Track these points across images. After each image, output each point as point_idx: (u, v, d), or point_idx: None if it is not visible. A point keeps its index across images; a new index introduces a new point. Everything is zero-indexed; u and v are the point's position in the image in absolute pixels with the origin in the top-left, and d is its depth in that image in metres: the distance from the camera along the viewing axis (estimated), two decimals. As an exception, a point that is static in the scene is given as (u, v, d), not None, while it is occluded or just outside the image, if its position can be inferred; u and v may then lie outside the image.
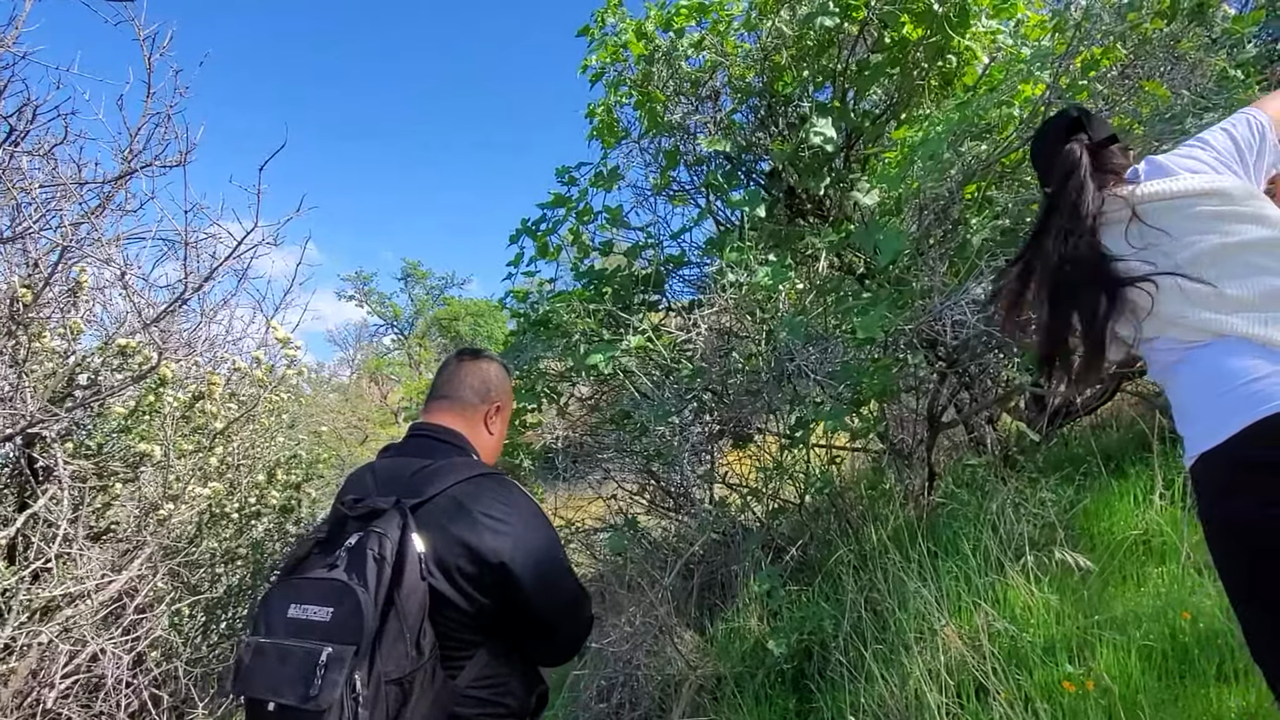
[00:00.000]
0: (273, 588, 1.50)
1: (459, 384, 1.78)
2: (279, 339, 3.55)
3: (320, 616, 1.37)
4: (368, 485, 1.60)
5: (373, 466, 1.67)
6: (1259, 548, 1.41)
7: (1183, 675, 2.56)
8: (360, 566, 1.39)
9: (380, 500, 1.51)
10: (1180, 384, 1.62)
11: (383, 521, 1.45)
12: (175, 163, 2.63)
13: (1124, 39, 3.43)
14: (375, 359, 35.60)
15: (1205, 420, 1.53)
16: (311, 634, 1.36)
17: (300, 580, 1.46)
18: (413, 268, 39.07)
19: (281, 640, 1.39)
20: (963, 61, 3.89)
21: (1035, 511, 3.39)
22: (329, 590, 1.39)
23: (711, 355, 3.80)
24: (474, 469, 1.61)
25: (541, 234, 4.33)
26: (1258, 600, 1.44)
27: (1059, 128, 1.92)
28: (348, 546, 1.43)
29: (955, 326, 3.23)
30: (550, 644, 1.63)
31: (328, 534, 1.54)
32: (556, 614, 1.59)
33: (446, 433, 1.72)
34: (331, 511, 1.60)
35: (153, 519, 3.37)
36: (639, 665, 3.72)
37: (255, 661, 1.39)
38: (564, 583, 1.62)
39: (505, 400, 1.85)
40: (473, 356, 1.85)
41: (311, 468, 5.20)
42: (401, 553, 1.42)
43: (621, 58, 4.12)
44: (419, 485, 1.55)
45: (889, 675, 2.84)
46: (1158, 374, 1.70)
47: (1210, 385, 1.53)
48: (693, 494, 4.61)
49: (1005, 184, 3.70)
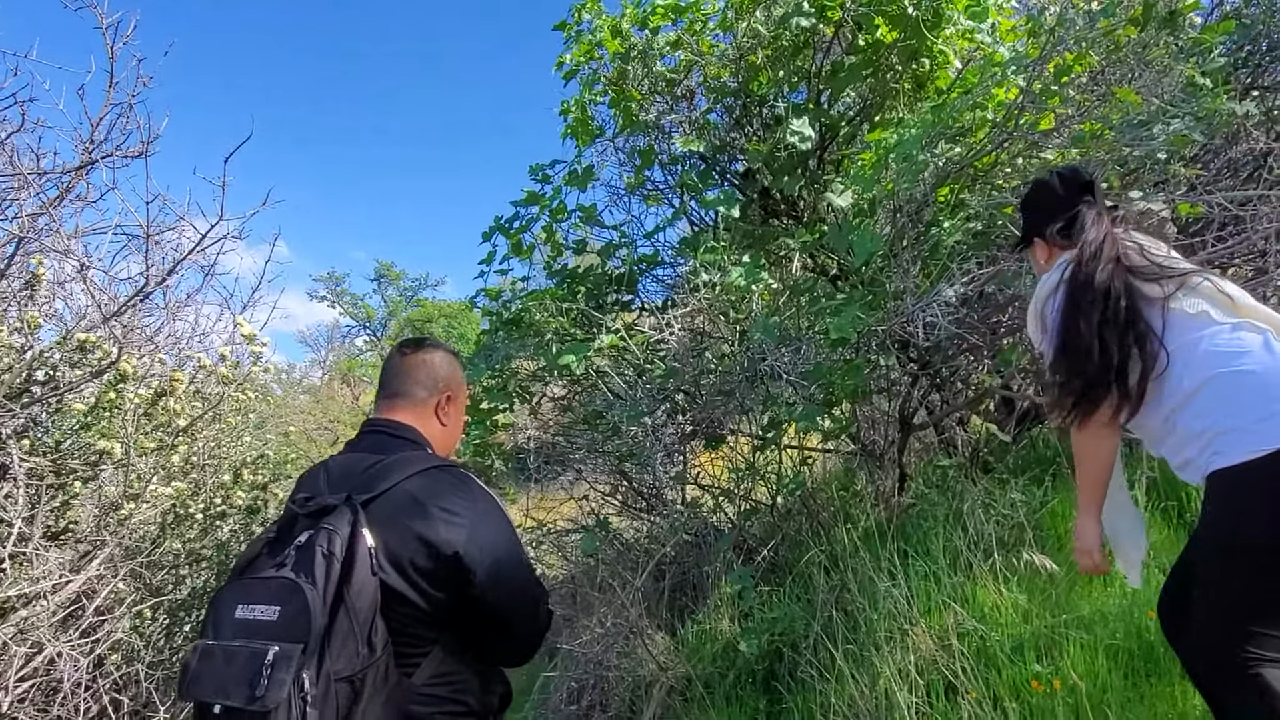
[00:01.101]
0: (222, 589, 1.46)
1: (405, 379, 1.74)
2: (245, 335, 3.48)
3: (267, 616, 1.35)
4: (320, 483, 1.57)
5: (326, 464, 1.64)
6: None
7: (1148, 674, 2.58)
8: (309, 564, 1.36)
9: (331, 497, 1.48)
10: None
11: (333, 518, 1.42)
12: (137, 153, 2.57)
13: (1096, 45, 3.47)
14: (347, 360, 35.24)
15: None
16: (258, 634, 1.34)
17: (249, 580, 1.43)
18: (386, 269, 38.71)
19: (228, 642, 1.36)
20: (936, 65, 3.91)
21: (1004, 512, 3.41)
22: (276, 589, 1.36)
23: (684, 355, 3.79)
24: (427, 462, 1.58)
25: (515, 232, 4.30)
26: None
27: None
28: (297, 544, 1.40)
29: (927, 328, 3.25)
30: (507, 640, 1.59)
31: (277, 533, 1.50)
32: (512, 609, 1.56)
33: (399, 427, 1.69)
34: (284, 510, 1.57)
35: (113, 518, 3.29)
36: (610, 667, 3.70)
37: (202, 664, 1.36)
38: (520, 576, 1.58)
39: (456, 388, 1.80)
40: (415, 348, 1.79)
41: (280, 468, 5.13)
42: (351, 548, 1.39)
43: (597, 55, 4.10)
44: (371, 481, 1.52)
45: (859, 675, 2.84)
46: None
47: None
48: (665, 495, 4.59)
49: (978, 187, 3.73)
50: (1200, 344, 1.78)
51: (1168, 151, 3.17)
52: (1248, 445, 1.64)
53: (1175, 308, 1.84)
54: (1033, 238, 2.24)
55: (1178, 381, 1.79)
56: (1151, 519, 3.35)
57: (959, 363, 3.90)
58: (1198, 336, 1.79)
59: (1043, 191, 2.22)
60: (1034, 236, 2.23)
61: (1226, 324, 1.79)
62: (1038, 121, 3.44)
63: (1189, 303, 1.84)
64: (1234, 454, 1.67)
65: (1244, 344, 1.75)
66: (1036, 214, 2.23)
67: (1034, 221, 2.24)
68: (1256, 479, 1.64)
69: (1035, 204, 2.24)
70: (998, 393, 4.23)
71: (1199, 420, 1.75)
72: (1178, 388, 1.79)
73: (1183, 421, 1.78)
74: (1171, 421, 1.81)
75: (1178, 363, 1.80)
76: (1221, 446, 1.70)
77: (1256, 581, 1.62)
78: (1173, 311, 1.84)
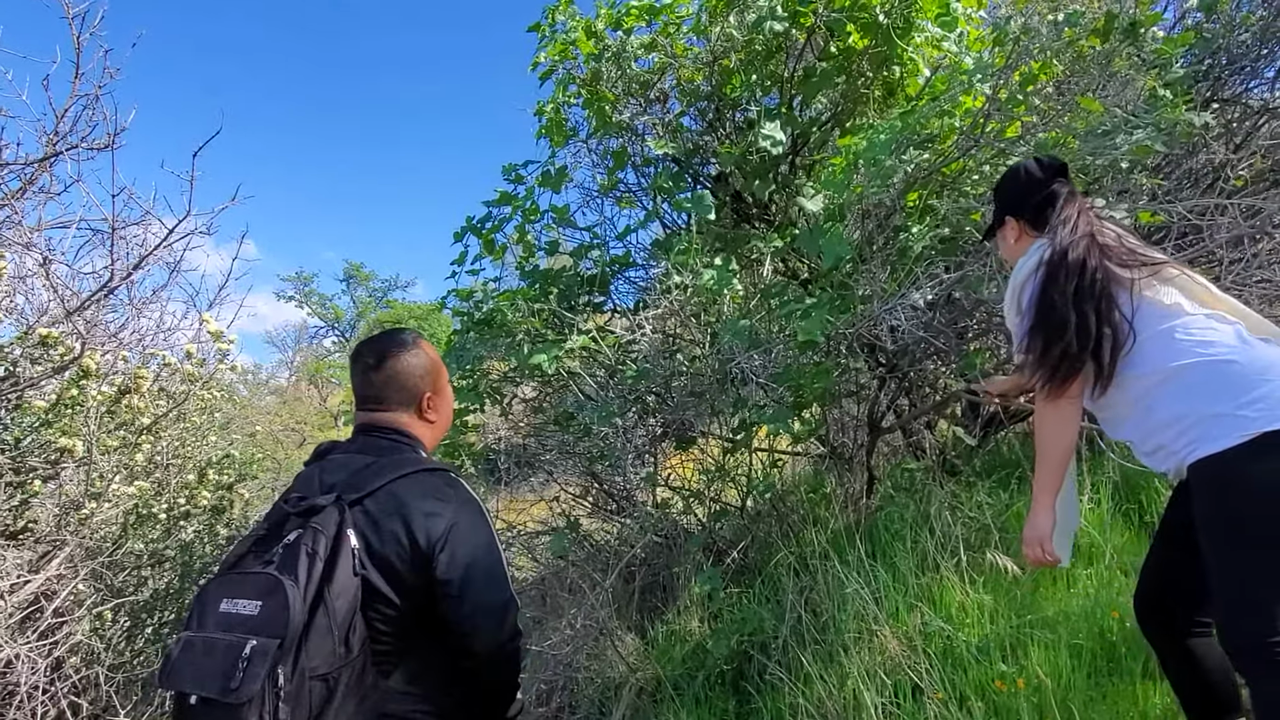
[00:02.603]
0: (209, 582, 1.48)
1: (378, 391, 1.71)
2: (212, 332, 3.44)
3: (249, 610, 1.36)
4: (314, 484, 1.59)
5: (321, 465, 1.65)
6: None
7: (1111, 673, 2.62)
8: (293, 562, 1.38)
9: (320, 498, 1.49)
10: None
11: (320, 518, 1.44)
12: (103, 146, 2.53)
13: (1060, 55, 3.53)
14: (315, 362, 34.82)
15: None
16: (239, 627, 1.35)
17: (236, 575, 1.45)
18: (355, 269, 38.34)
19: (210, 633, 1.37)
20: (906, 72, 3.96)
21: (971, 515, 3.46)
22: (260, 584, 1.38)
23: (656, 357, 3.79)
24: (418, 464, 1.60)
25: (487, 232, 4.28)
26: None
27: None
28: (285, 543, 1.43)
29: (894, 332, 3.28)
30: (472, 644, 1.54)
31: (268, 530, 1.52)
32: (481, 613, 1.54)
33: (391, 430, 1.70)
34: (274, 508, 1.58)
35: (74, 518, 3.23)
36: (579, 668, 3.69)
37: (183, 655, 1.37)
38: (496, 582, 1.57)
39: (435, 380, 1.78)
40: (378, 361, 1.72)
41: (245, 468, 5.05)
42: (335, 548, 1.41)
43: (571, 55, 4.10)
44: (362, 482, 1.54)
45: (828, 676, 2.86)
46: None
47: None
48: (635, 496, 4.59)
49: (946, 193, 3.78)
50: (1175, 331, 1.81)
51: (1130, 161, 3.24)
52: (1236, 430, 1.67)
53: (1148, 295, 1.87)
54: (1004, 217, 2.25)
55: (1152, 364, 1.81)
56: (1112, 523, 3.42)
57: (926, 366, 3.94)
58: (1171, 325, 1.82)
59: (1016, 175, 2.22)
60: (1006, 215, 2.24)
61: (1199, 314, 1.82)
62: (1004, 129, 3.49)
63: (1164, 292, 1.87)
64: (1221, 440, 1.69)
65: (1219, 333, 1.78)
66: (1009, 195, 2.23)
67: (1007, 201, 2.24)
68: (1247, 462, 1.66)
69: (1008, 187, 2.24)
70: (964, 397, 4.28)
71: (1176, 404, 1.77)
72: (1152, 370, 1.81)
73: (1158, 405, 1.80)
74: (1144, 404, 1.83)
75: (1153, 346, 1.82)
76: (1204, 433, 1.72)
77: (1270, 560, 1.65)
78: (1145, 299, 1.87)
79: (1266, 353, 1.74)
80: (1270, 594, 1.64)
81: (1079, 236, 1.93)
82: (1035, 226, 2.13)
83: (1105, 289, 1.87)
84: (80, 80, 2.70)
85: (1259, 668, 1.65)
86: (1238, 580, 1.69)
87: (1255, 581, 1.66)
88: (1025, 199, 2.16)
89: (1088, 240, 1.93)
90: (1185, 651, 1.97)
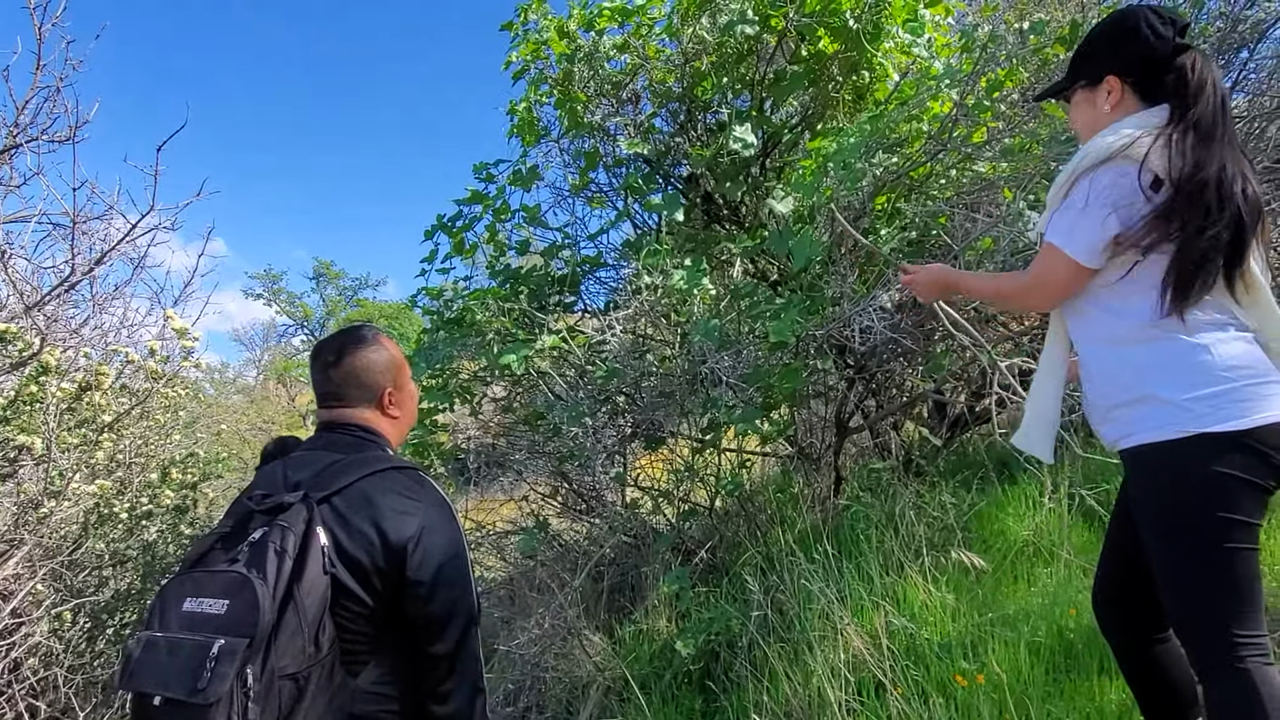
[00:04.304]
0: (170, 581, 1.45)
1: (339, 389, 1.70)
2: (176, 329, 3.39)
3: (215, 609, 1.33)
4: (278, 480, 1.56)
5: (285, 461, 1.63)
6: None
7: (1068, 670, 2.67)
8: (261, 560, 1.36)
9: (287, 495, 1.47)
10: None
11: (288, 515, 1.42)
12: (64, 138, 2.49)
13: (1026, 62, 3.59)
14: (284, 360, 34.41)
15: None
16: (205, 626, 1.33)
17: (199, 574, 1.41)
18: (325, 267, 37.97)
19: (174, 633, 1.34)
20: (875, 77, 4.01)
21: (935, 515, 3.50)
22: (227, 583, 1.35)
23: (626, 357, 3.80)
24: (385, 462, 1.59)
25: (457, 231, 4.27)
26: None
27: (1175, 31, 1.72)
28: (250, 541, 1.40)
29: (863, 333, 3.32)
30: (436, 645, 1.53)
31: (232, 528, 1.49)
32: (445, 614, 1.53)
33: (356, 428, 1.68)
34: (237, 505, 1.55)
35: (32, 516, 3.18)
36: (547, 668, 3.69)
37: (145, 655, 1.34)
38: (465, 585, 1.56)
39: (396, 375, 1.76)
40: (337, 357, 1.71)
41: (210, 467, 4.99)
42: (304, 546, 1.39)
43: (543, 55, 4.10)
44: (328, 479, 1.52)
45: (793, 673, 2.89)
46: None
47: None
48: (604, 496, 4.60)
49: (914, 196, 3.83)
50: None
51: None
52: (1173, 423, 1.61)
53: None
54: (1104, 75, 1.78)
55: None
56: (1072, 521, 3.48)
57: (893, 368, 3.99)
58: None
59: (1134, 27, 1.75)
60: (1109, 74, 1.78)
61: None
62: (970, 134, 3.55)
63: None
64: (1158, 430, 1.63)
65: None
66: (1119, 49, 1.77)
67: (1114, 56, 1.78)
68: (1173, 457, 1.62)
69: (1118, 38, 1.78)
70: (931, 398, 4.34)
71: (1139, 372, 1.66)
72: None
73: (1129, 360, 1.69)
74: (1120, 351, 1.71)
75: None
76: (1147, 414, 1.65)
77: (1209, 559, 1.59)
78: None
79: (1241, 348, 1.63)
80: (1210, 592, 1.60)
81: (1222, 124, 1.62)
82: (1145, 95, 1.74)
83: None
84: (42, 72, 2.65)
85: (1211, 670, 1.62)
86: (1175, 578, 1.65)
87: (1194, 580, 1.62)
88: (1144, 57, 1.73)
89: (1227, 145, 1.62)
90: (1143, 650, 1.91)
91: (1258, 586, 1.60)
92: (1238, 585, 1.58)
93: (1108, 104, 1.78)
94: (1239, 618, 1.58)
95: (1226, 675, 1.58)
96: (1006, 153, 3.48)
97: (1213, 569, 1.59)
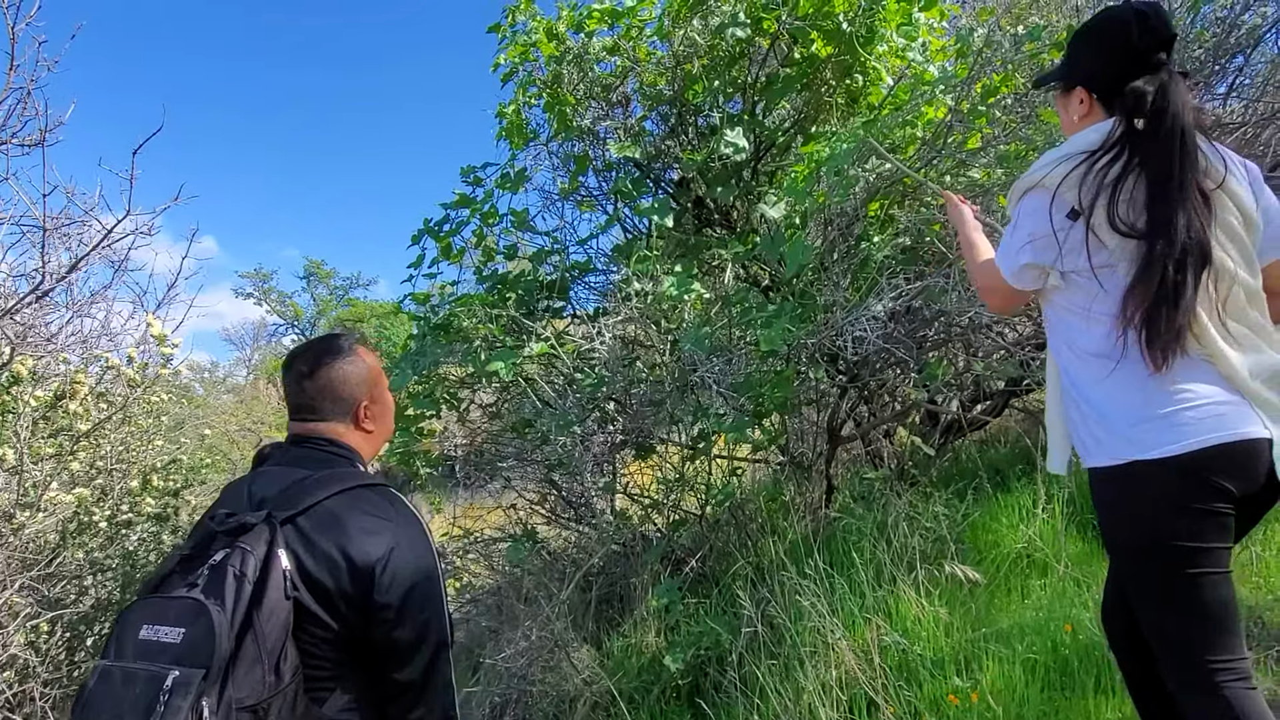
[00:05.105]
0: (129, 607, 1.38)
1: (311, 401, 1.63)
2: (155, 336, 3.32)
3: (171, 638, 1.27)
4: (243, 499, 1.50)
5: (251, 478, 1.56)
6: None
7: (1064, 687, 2.63)
8: (219, 585, 1.30)
9: (250, 515, 1.40)
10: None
11: (250, 537, 1.36)
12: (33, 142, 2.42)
13: (1022, 68, 3.55)
14: (274, 360, 34.26)
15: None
16: (161, 656, 1.26)
17: (158, 599, 1.35)
18: (315, 267, 37.78)
19: (129, 663, 1.28)
20: (869, 81, 3.95)
21: (928, 525, 3.45)
22: (183, 610, 1.29)
23: (615, 364, 3.74)
24: (355, 480, 1.51)
25: (444, 235, 4.20)
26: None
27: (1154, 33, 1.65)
28: (211, 564, 1.34)
29: (855, 342, 3.26)
30: (402, 672, 1.46)
31: (193, 550, 1.42)
32: (414, 641, 1.45)
33: (325, 442, 1.61)
34: (199, 525, 1.49)
35: (6, 528, 3.11)
36: (534, 681, 3.63)
37: (99, 686, 1.28)
38: (435, 609, 1.49)
39: (372, 389, 1.68)
40: (310, 368, 1.63)
41: (193, 473, 4.91)
42: (265, 569, 1.33)
43: (532, 57, 4.03)
44: (294, 498, 1.45)
45: (783, 690, 2.83)
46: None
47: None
48: (594, 504, 4.54)
49: (907, 203, 3.78)
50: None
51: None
52: (1112, 451, 1.61)
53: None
54: (1075, 86, 1.77)
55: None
56: (1067, 533, 3.44)
57: (886, 376, 3.94)
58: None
59: (1111, 31, 1.70)
60: (1078, 85, 1.76)
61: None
62: (965, 140, 3.50)
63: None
64: (1101, 455, 1.63)
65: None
66: (1092, 58, 1.75)
67: (1087, 65, 1.76)
68: (1109, 485, 1.63)
69: (1093, 47, 1.75)
70: (924, 406, 4.29)
71: (1107, 392, 1.63)
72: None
73: (1100, 382, 1.64)
74: (1095, 368, 1.66)
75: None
76: (1101, 437, 1.63)
77: (1172, 588, 1.57)
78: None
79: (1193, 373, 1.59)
80: (1178, 621, 1.58)
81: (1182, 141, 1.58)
82: (1111, 106, 1.71)
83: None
84: (14, 72, 2.58)
85: (1188, 698, 1.60)
86: (1142, 611, 1.65)
87: (1161, 610, 1.61)
88: (1114, 75, 1.68)
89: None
90: (1149, 671, 1.83)
91: (1230, 609, 1.58)
92: (1206, 611, 1.56)
93: (1077, 114, 1.78)
94: (1211, 645, 1.56)
95: (1203, 703, 1.57)
96: (1002, 159, 3.43)
97: (1178, 598, 1.58)
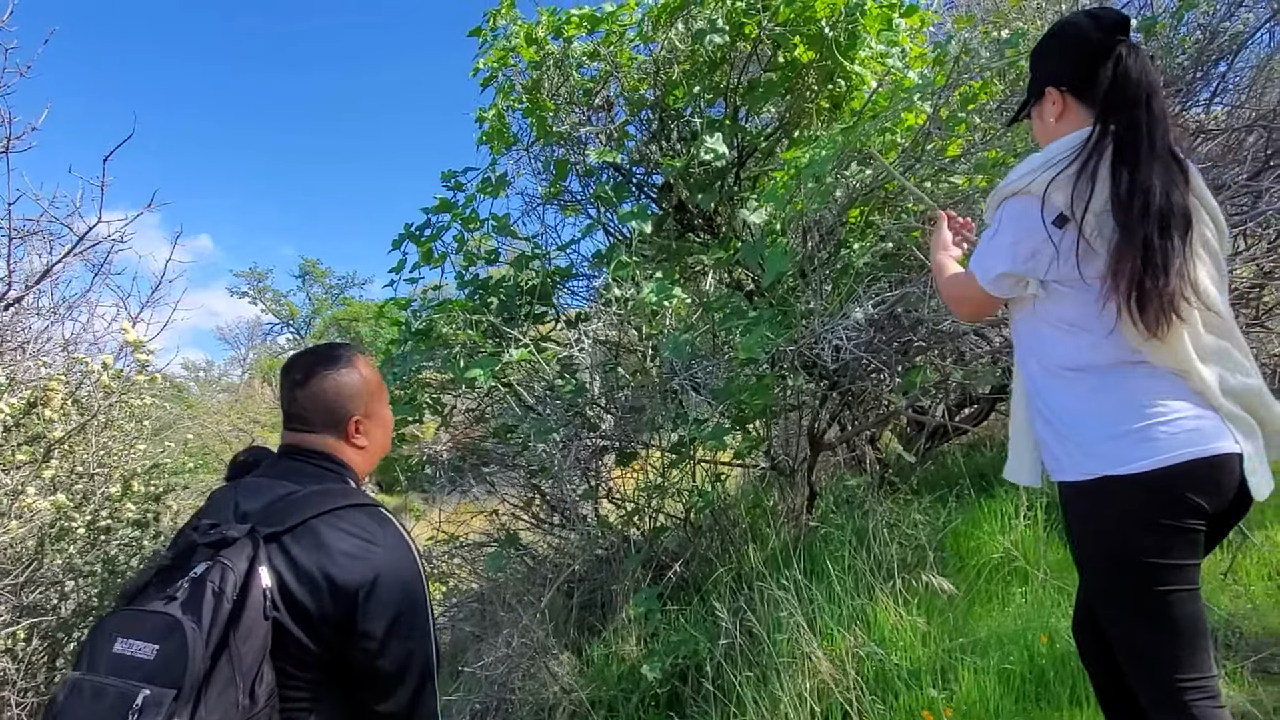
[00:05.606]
0: (104, 617, 1.35)
1: (304, 410, 1.59)
2: (130, 342, 3.29)
3: (144, 654, 1.24)
4: (228, 510, 1.45)
5: (237, 488, 1.52)
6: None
7: (1039, 698, 2.62)
8: (197, 601, 1.26)
9: (234, 528, 1.36)
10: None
11: (231, 552, 1.31)
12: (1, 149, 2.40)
13: (1002, 75, 3.54)
14: (269, 359, 34.20)
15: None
16: (133, 673, 1.23)
17: (134, 611, 1.31)
18: (311, 266, 37.80)
19: (100, 678, 1.25)
20: (851, 86, 3.93)
21: (908, 533, 3.45)
22: (158, 625, 1.25)
23: (596, 370, 3.73)
24: (344, 498, 1.47)
25: (425, 240, 4.18)
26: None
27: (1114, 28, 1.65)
28: (191, 577, 1.29)
29: (834, 350, 3.25)
30: (386, 702, 1.43)
31: (174, 560, 1.38)
32: (400, 669, 1.41)
33: (317, 455, 1.57)
34: (181, 535, 1.44)
35: (-21, 537, 3.08)
36: (514, 689, 3.61)
37: (68, 700, 1.25)
38: (421, 637, 1.45)
39: (369, 401, 1.63)
40: (305, 377, 1.60)
41: (175, 477, 4.87)
42: (245, 588, 1.29)
43: (512, 61, 4.01)
44: (281, 514, 1.41)
45: (760, 699, 2.82)
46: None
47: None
48: (577, 509, 4.52)
49: (888, 210, 3.77)
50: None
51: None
52: (1079, 467, 1.59)
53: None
54: (1044, 88, 1.75)
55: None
56: (1047, 540, 3.43)
57: (867, 383, 3.93)
58: None
59: (1067, 32, 1.73)
60: (1047, 86, 1.74)
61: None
62: (945, 147, 3.49)
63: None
64: (1072, 470, 1.61)
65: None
66: (1054, 58, 1.75)
67: (1047, 67, 1.77)
68: (1079, 500, 1.61)
69: (1053, 48, 1.76)
70: (905, 414, 4.28)
71: (1079, 401, 1.61)
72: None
73: (1074, 388, 1.62)
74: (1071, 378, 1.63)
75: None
76: (1071, 451, 1.62)
77: (1141, 606, 1.56)
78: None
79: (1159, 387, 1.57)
80: (1146, 639, 1.57)
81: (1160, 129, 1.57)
82: (1085, 99, 1.68)
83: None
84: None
85: (1156, 716, 1.59)
86: (1110, 625, 1.64)
87: (1129, 627, 1.59)
88: (1072, 62, 1.69)
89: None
90: (1120, 685, 1.80)
91: (1200, 627, 1.56)
92: (1176, 628, 1.54)
93: (1052, 116, 1.75)
94: (1179, 663, 1.54)
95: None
96: (981, 166, 3.42)
97: (1147, 615, 1.56)
